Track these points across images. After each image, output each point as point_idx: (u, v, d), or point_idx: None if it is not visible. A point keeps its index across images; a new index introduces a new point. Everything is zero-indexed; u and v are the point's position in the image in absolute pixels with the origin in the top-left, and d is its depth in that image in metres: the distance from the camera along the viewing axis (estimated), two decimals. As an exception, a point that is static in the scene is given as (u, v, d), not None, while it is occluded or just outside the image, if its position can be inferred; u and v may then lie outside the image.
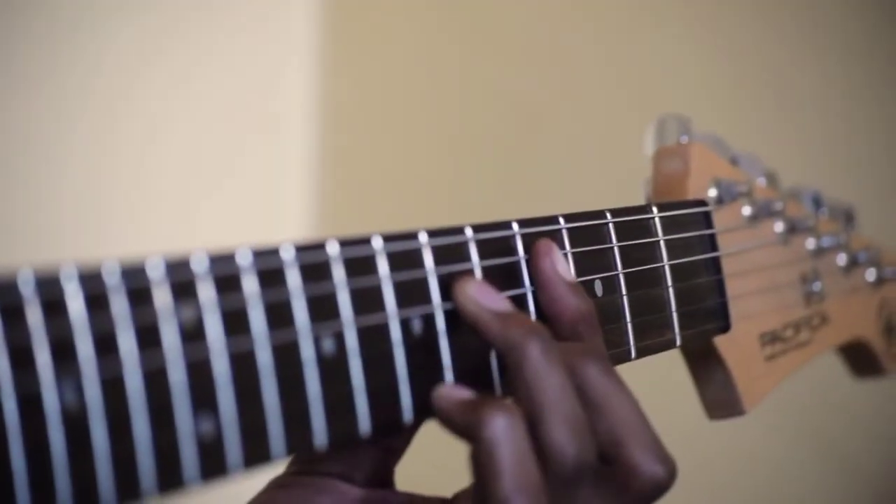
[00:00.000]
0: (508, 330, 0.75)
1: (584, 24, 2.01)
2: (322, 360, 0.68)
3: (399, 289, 0.72)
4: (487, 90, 2.09)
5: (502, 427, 0.72)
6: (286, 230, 2.21)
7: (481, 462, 0.72)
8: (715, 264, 0.93)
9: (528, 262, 0.79)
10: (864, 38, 1.79)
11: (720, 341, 0.95)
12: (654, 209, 0.89)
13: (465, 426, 0.73)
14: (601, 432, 0.77)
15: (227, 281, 0.65)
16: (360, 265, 0.71)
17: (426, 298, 0.74)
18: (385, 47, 2.22)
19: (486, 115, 2.10)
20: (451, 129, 2.15)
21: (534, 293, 0.80)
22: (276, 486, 0.81)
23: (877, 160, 1.78)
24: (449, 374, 0.74)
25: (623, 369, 0.85)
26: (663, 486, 0.77)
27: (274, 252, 0.68)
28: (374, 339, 0.71)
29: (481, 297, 0.76)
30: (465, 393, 0.74)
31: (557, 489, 0.75)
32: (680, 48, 1.91)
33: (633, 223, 0.87)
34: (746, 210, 0.98)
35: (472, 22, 2.12)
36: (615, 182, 1.89)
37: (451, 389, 0.74)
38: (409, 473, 0.86)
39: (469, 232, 0.77)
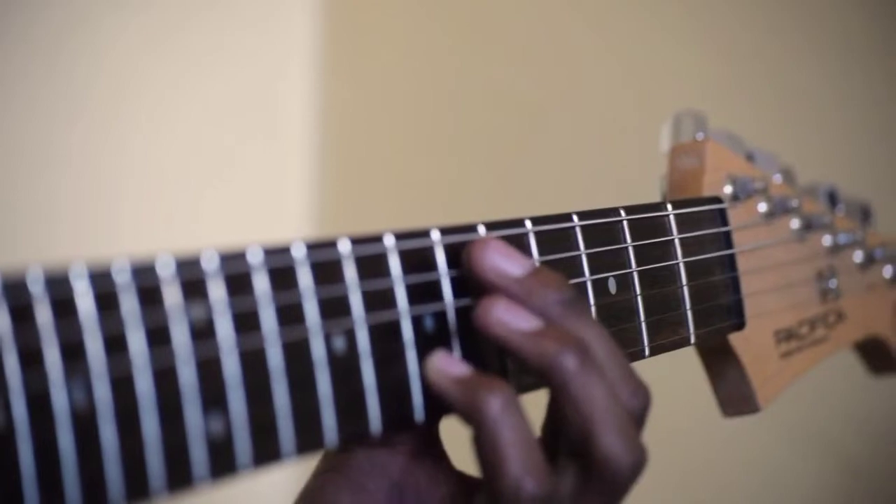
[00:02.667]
0: (544, 350, 0.73)
1: (585, 24, 2.01)
2: (333, 359, 0.68)
3: (411, 286, 0.72)
4: (487, 90, 2.09)
5: (502, 407, 0.71)
6: (287, 229, 2.21)
7: (484, 445, 0.71)
8: (730, 261, 0.93)
9: (466, 267, 0.75)
10: (864, 36, 1.79)
11: (735, 339, 0.94)
12: (669, 206, 0.88)
13: (464, 407, 0.72)
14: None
15: (237, 279, 0.65)
16: (371, 263, 0.70)
17: (438, 296, 0.73)
18: (385, 47, 2.21)
19: (486, 115, 2.09)
20: (451, 128, 2.14)
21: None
22: (323, 468, 0.79)
23: (882, 158, 1.78)
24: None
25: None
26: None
27: (285, 250, 0.67)
28: (385, 338, 0.70)
29: (510, 317, 0.73)
30: (459, 368, 0.72)
31: (607, 490, 0.74)
32: (680, 47, 1.91)
33: (647, 220, 0.86)
34: (762, 207, 0.98)
35: (471, 22, 2.12)
36: (615, 182, 1.89)
37: (445, 363, 0.72)
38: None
39: (482, 230, 0.76)
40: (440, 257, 0.74)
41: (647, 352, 0.85)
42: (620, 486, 0.74)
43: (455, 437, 0.82)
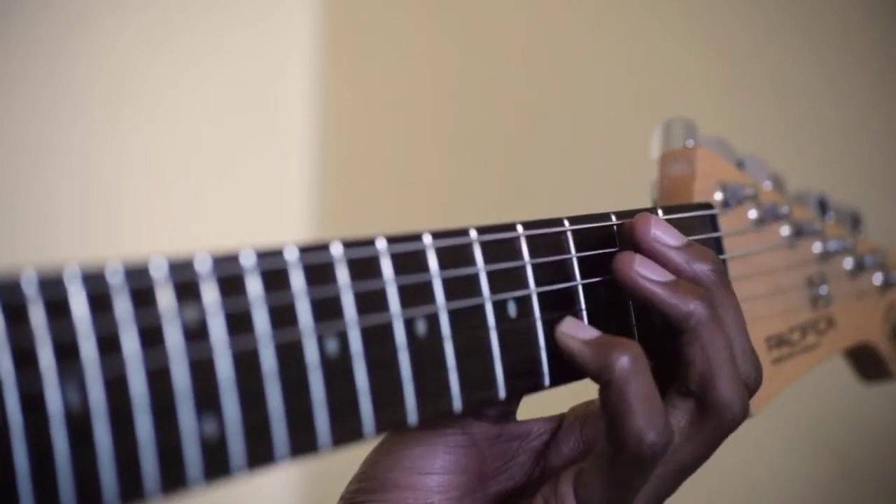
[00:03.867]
0: (680, 298, 0.81)
1: (584, 24, 2.01)
2: (326, 362, 0.68)
3: (403, 290, 0.72)
4: (487, 90, 2.09)
5: (631, 364, 0.77)
6: (287, 229, 2.21)
7: (613, 399, 0.78)
8: None
9: (628, 236, 0.84)
10: (864, 36, 1.79)
11: (726, 345, 0.94)
12: (660, 212, 0.88)
13: (595, 365, 0.78)
14: None
15: (230, 282, 0.65)
16: (363, 266, 0.71)
17: (430, 299, 0.73)
18: (385, 47, 2.21)
19: (486, 115, 2.09)
20: (451, 129, 2.15)
21: (539, 295, 0.80)
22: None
23: (882, 158, 1.78)
24: (453, 375, 0.74)
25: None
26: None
27: (278, 253, 0.67)
28: (377, 341, 0.71)
29: (647, 270, 0.82)
30: (589, 331, 0.79)
31: (713, 435, 0.83)
32: (680, 48, 1.91)
33: (638, 226, 0.87)
34: (752, 213, 0.98)
35: (471, 22, 2.12)
36: (615, 183, 1.89)
37: (574, 328, 0.79)
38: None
39: (473, 234, 0.77)
40: (432, 260, 0.74)
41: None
42: (726, 431, 0.83)
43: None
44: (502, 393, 0.77)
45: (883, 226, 1.24)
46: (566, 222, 0.82)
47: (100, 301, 0.60)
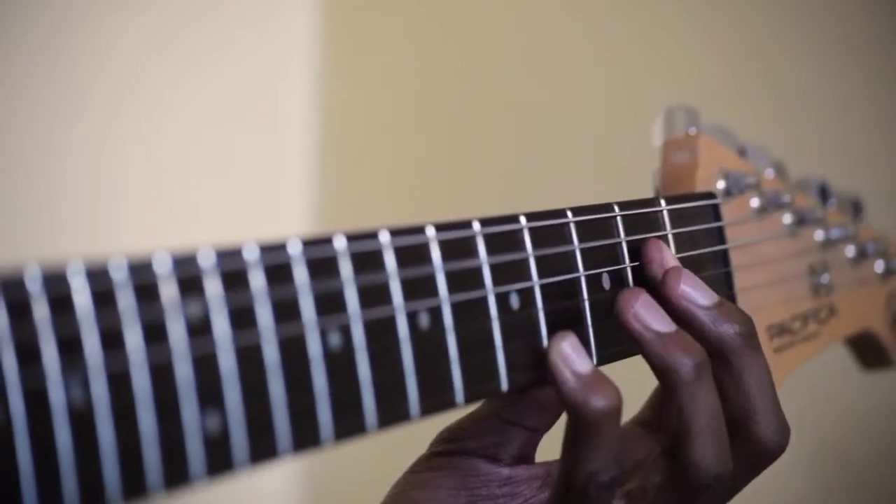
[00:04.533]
0: (667, 352, 0.79)
1: (584, 24, 2.01)
2: (329, 355, 0.68)
3: (406, 283, 0.72)
4: (487, 90, 2.09)
5: (610, 411, 0.76)
6: (286, 230, 2.21)
7: (581, 438, 0.76)
8: (723, 257, 0.93)
9: (661, 291, 0.82)
10: (864, 36, 1.79)
11: (728, 335, 0.94)
12: (662, 202, 0.88)
13: (573, 401, 0.76)
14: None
15: (233, 276, 0.65)
16: (367, 259, 0.71)
17: (433, 292, 0.73)
18: (385, 47, 2.22)
19: (486, 115, 2.09)
20: (451, 128, 2.15)
21: (542, 287, 0.79)
22: (423, 467, 0.84)
23: (882, 158, 1.77)
24: (456, 368, 0.74)
25: (620, 366, 0.85)
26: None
27: (281, 247, 0.67)
28: (380, 334, 0.71)
29: (647, 314, 0.80)
30: (583, 364, 0.77)
31: (687, 495, 0.81)
32: (680, 48, 1.91)
33: (640, 216, 0.86)
34: (755, 202, 0.98)
35: (472, 22, 2.12)
36: (615, 183, 1.89)
37: (572, 354, 0.77)
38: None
39: (477, 226, 0.76)
40: (435, 253, 0.74)
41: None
42: (698, 493, 0.81)
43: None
44: (505, 385, 0.77)
45: (883, 226, 1.24)
46: (569, 213, 0.82)
47: (103, 296, 0.60)
